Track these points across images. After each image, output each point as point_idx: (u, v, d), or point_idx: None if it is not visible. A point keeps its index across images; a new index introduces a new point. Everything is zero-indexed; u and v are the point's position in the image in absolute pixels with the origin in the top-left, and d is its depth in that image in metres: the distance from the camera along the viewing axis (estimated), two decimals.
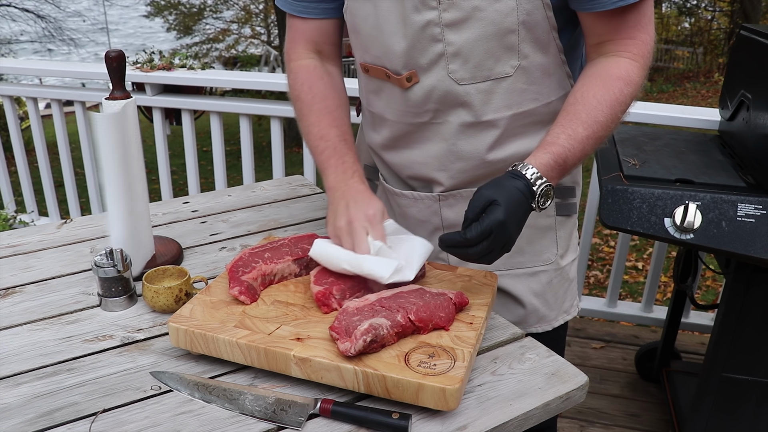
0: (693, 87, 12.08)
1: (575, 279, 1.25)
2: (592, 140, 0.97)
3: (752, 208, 1.38)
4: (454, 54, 1.01)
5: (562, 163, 0.95)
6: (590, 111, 0.97)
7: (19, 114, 3.63)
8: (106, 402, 0.87)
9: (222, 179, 2.78)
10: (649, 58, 1.00)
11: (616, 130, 1.02)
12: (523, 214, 0.93)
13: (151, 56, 2.72)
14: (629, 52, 0.99)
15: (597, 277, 4.39)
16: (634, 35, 0.99)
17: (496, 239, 0.89)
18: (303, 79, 1.19)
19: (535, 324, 1.19)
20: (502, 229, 0.89)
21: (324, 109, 1.16)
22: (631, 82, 0.99)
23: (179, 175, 4.21)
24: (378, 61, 1.09)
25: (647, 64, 1.01)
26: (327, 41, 1.21)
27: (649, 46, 1.00)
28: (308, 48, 1.21)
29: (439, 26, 1.00)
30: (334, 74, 1.23)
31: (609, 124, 0.98)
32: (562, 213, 1.17)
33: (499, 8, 0.97)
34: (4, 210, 3.12)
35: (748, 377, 1.59)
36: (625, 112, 1.00)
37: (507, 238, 0.91)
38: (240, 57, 16.01)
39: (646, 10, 0.98)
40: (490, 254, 0.91)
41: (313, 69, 1.20)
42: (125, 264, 1.08)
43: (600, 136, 0.98)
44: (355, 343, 0.84)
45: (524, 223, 0.94)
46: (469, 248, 0.90)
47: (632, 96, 1.00)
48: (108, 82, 1.24)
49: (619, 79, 0.98)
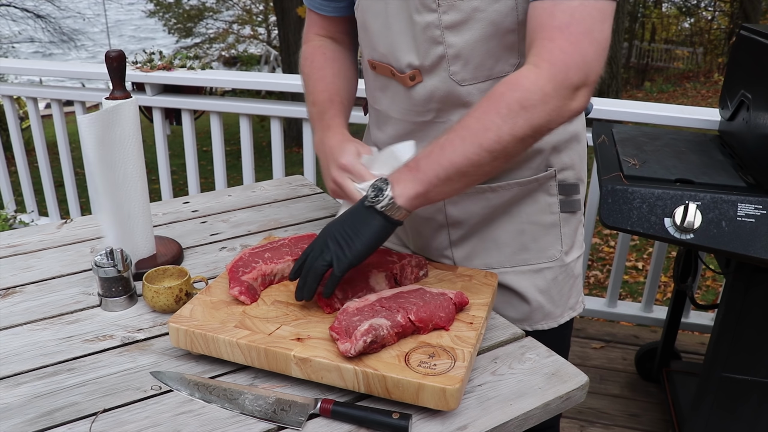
0: (693, 87, 12.09)
1: (581, 275, 1.25)
2: (456, 143, 0.90)
3: (752, 208, 1.38)
4: (455, 56, 1.01)
5: (413, 166, 0.93)
6: (463, 119, 0.91)
7: (19, 114, 3.62)
8: (107, 402, 0.87)
9: (222, 179, 2.79)
10: (563, 71, 0.85)
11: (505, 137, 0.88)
12: (351, 214, 0.95)
13: (151, 56, 2.72)
14: (537, 56, 0.87)
15: (597, 277, 4.39)
16: (554, 37, 0.86)
17: (320, 239, 0.95)
18: (307, 54, 1.25)
19: (540, 321, 1.19)
20: (325, 232, 0.95)
21: (319, 79, 1.20)
22: (517, 86, 0.87)
23: (179, 175, 4.21)
24: (384, 58, 1.10)
25: (558, 77, 0.85)
26: (341, 31, 1.26)
27: (568, 57, 0.85)
28: (321, 33, 1.27)
29: (439, 28, 1.00)
30: (338, 51, 1.26)
31: (480, 130, 0.88)
32: (567, 210, 1.17)
33: (498, 8, 0.97)
34: (4, 210, 3.12)
35: (748, 377, 1.59)
36: (511, 118, 0.87)
37: (331, 233, 0.94)
38: (240, 57, 16.02)
39: (582, 18, 0.85)
40: (324, 254, 0.93)
41: (319, 46, 1.25)
42: (125, 264, 1.08)
43: (469, 141, 0.89)
44: (356, 343, 0.84)
45: (362, 222, 0.93)
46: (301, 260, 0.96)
47: (519, 102, 0.86)
48: (108, 82, 1.24)
49: (504, 83, 0.89)
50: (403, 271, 1.07)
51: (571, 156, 1.16)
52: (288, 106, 2.63)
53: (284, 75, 3.34)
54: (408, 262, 1.08)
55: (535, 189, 1.14)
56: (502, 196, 1.13)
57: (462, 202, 1.15)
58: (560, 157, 1.15)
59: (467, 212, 1.15)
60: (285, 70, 8.33)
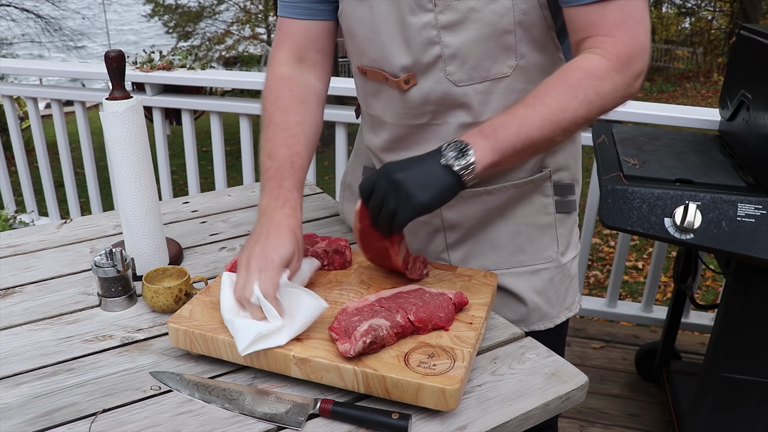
0: (693, 87, 12.09)
1: (576, 276, 1.25)
2: (534, 119, 0.91)
3: (752, 208, 1.37)
4: (452, 56, 1.01)
5: (489, 132, 0.91)
6: (537, 95, 0.92)
7: (19, 114, 3.63)
8: (106, 402, 0.87)
9: (222, 179, 2.79)
10: (627, 62, 0.92)
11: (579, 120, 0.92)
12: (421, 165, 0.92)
13: (151, 56, 2.72)
14: (602, 49, 0.92)
15: (597, 277, 4.39)
16: (614, 34, 0.92)
17: (380, 182, 0.92)
18: (272, 87, 1.13)
19: (537, 322, 1.19)
20: (383, 174, 0.92)
21: (282, 124, 1.09)
22: (592, 74, 0.91)
23: (179, 175, 4.22)
24: (375, 64, 1.09)
25: (625, 68, 0.92)
26: (313, 47, 1.15)
27: (631, 49, 0.92)
28: (290, 55, 1.15)
29: (436, 28, 0.99)
30: (310, 86, 1.15)
31: (558, 110, 0.91)
32: (562, 210, 1.18)
33: (494, 9, 0.97)
34: (4, 210, 3.12)
35: (748, 377, 1.59)
36: (586, 104, 0.91)
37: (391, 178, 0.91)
38: (240, 57, 16.01)
39: (633, 11, 0.92)
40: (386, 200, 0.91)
41: (286, 80, 1.13)
42: (125, 264, 1.08)
43: (546, 118, 0.91)
44: (355, 344, 0.84)
45: (432, 177, 0.91)
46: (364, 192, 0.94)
47: (595, 90, 0.91)
48: (108, 82, 1.24)
49: (579, 69, 0.92)
50: (414, 263, 1.07)
51: (566, 157, 1.16)
52: None
53: None
54: (416, 257, 1.08)
55: (530, 190, 1.14)
56: (498, 198, 1.13)
57: (458, 205, 1.15)
58: (555, 158, 1.15)
59: (463, 215, 1.15)
60: None
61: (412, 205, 0.90)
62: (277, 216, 1.01)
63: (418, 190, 0.90)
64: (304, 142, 1.09)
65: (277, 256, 0.94)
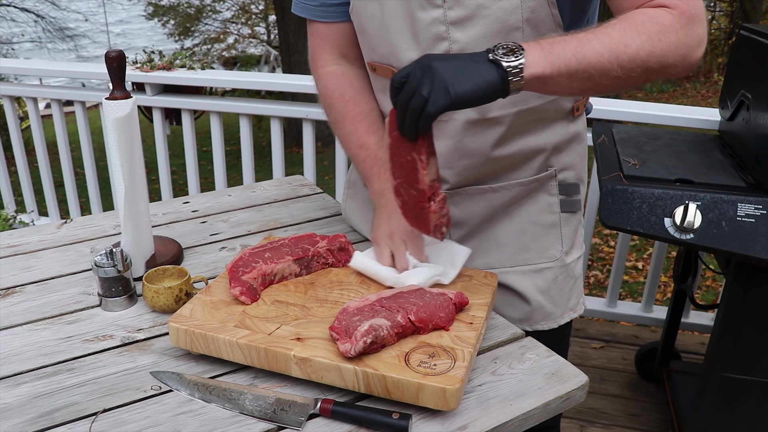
0: (693, 87, 12.08)
1: (581, 276, 1.25)
2: (595, 43, 0.88)
3: (752, 208, 1.37)
4: (460, 52, 1.01)
5: (546, 45, 0.88)
6: (600, 26, 0.90)
7: (19, 114, 3.62)
8: (106, 402, 0.87)
9: (222, 179, 2.79)
10: (690, 20, 0.90)
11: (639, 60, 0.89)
12: (466, 58, 0.87)
13: (151, 56, 2.72)
14: (666, 7, 0.91)
15: (597, 277, 4.39)
16: (672, 3, 0.90)
17: (416, 67, 0.86)
18: (334, 86, 1.19)
19: (540, 321, 1.19)
20: (428, 60, 0.86)
21: (359, 116, 1.16)
22: (658, 22, 0.89)
23: (179, 175, 4.21)
24: (385, 59, 1.10)
25: (688, 24, 0.90)
26: (350, 44, 1.19)
27: (693, 10, 0.90)
28: (334, 54, 1.20)
29: (445, 24, 1.00)
30: (362, 78, 1.21)
31: (620, 43, 0.88)
32: (567, 210, 1.18)
33: (503, 5, 0.97)
34: (4, 210, 3.12)
35: (748, 377, 1.59)
36: (645, 46, 0.88)
37: (429, 66, 0.85)
38: (240, 57, 16.01)
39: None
40: (419, 78, 0.85)
41: (342, 75, 1.19)
42: (125, 264, 1.08)
43: (607, 47, 0.88)
44: (356, 344, 0.84)
45: (474, 68, 0.86)
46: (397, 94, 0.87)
47: (659, 35, 0.88)
48: (108, 82, 1.24)
49: (644, 14, 0.90)
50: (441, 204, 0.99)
51: (572, 156, 1.16)
52: (288, 106, 2.63)
53: (284, 75, 3.34)
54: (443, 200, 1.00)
55: (535, 189, 1.14)
56: (504, 196, 1.13)
57: (463, 202, 1.15)
58: (561, 158, 1.15)
59: (469, 212, 1.15)
60: (285, 70, 8.32)
61: (448, 94, 0.83)
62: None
63: (457, 79, 0.84)
64: (382, 125, 1.16)
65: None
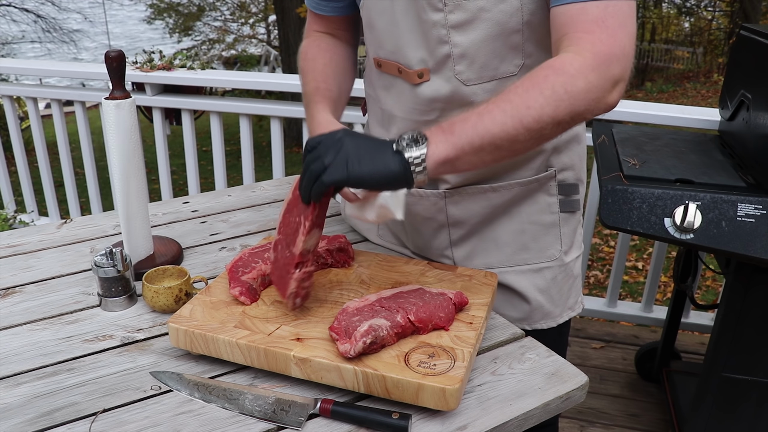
0: (693, 87, 12.09)
1: (579, 275, 1.25)
2: (496, 114, 0.87)
3: (752, 208, 1.37)
4: (461, 55, 1.02)
5: (447, 127, 0.88)
6: (503, 94, 0.89)
7: (19, 114, 3.62)
8: (106, 402, 0.87)
9: (222, 179, 2.79)
10: (606, 62, 0.86)
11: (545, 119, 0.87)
12: (371, 141, 0.89)
13: (151, 56, 2.72)
14: (577, 45, 0.88)
15: (597, 277, 4.39)
16: (592, 30, 0.87)
17: (322, 145, 0.87)
18: (304, 49, 1.26)
19: (540, 320, 1.20)
20: (340, 136, 0.87)
21: (310, 71, 1.21)
22: (561, 71, 0.86)
23: (179, 175, 4.22)
24: (392, 56, 1.10)
25: (601, 67, 0.86)
26: (340, 28, 1.27)
27: (609, 48, 0.86)
28: (320, 30, 1.28)
29: (445, 28, 1.00)
30: (338, 45, 1.26)
31: (522, 106, 0.86)
32: (566, 209, 1.18)
33: (504, 8, 0.97)
34: (4, 210, 3.12)
35: (748, 377, 1.59)
36: (553, 102, 0.86)
37: (336, 143, 0.86)
38: (240, 57, 16.01)
39: (616, 12, 0.87)
40: (320, 161, 0.86)
41: (315, 39, 1.26)
42: (125, 264, 1.08)
43: (509, 114, 0.86)
44: (355, 344, 0.84)
45: (379, 154, 0.86)
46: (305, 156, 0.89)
47: (564, 87, 0.86)
48: (108, 82, 1.24)
49: (549, 68, 0.88)
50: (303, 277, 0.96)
51: (571, 156, 1.16)
52: (288, 106, 2.63)
53: (284, 75, 3.34)
54: (308, 277, 0.97)
55: (535, 189, 1.14)
56: (503, 195, 1.13)
57: (463, 201, 1.15)
58: (560, 158, 1.15)
59: (468, 212, 1.15)
60: (285, 70, 8.33)
61: (345, 170, 0.84)
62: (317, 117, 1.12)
63: (359, 159, 0.85)
64: (331, 74, 1.21)
65: None
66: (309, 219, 0.91)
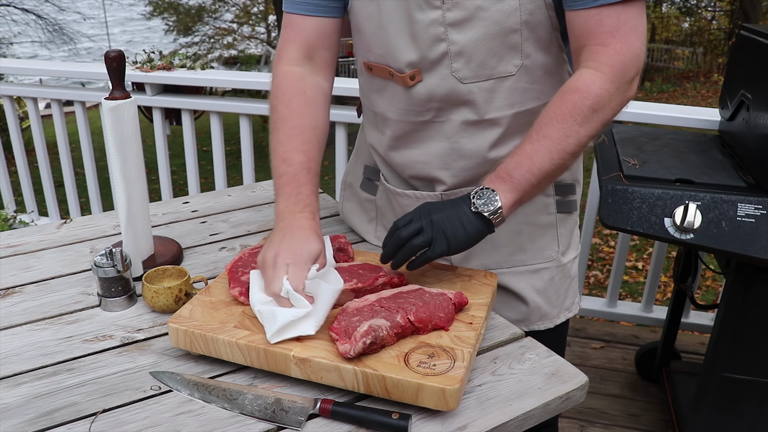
0: (693, 87, 12.09)
1: (576, 276, 1.26)
2: (543, 154, 0.96)
3: (752, 208, 1.38)
4: (458, 53, 1.02)
5: (505, 176, 0.97)
6: (540, 127, 0.97)
7: (19, 114, 3.62)
8: (106, 402, 0.87)
9: (222, 179, 2.79)
10: (621, 70, 0.95)
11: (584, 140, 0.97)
12: (457, 210, 0.98)
13: (151, 56, 2.72)
14: (596, 61, 0.95)
15: (597, 277, 4.39)
16: (608, 42, 0.94)
17: (422, 222, 0.97)
18: (285, 88, 1.12)
19: (537, 321, 1.20)
20: (425, 213, 0.98)
21: (296, 129, 1.09)
22: (588, 93, 0.94)
23: (179, 175, 4.21)
24: (381, 59, 1.10)
25: (617, 77, 0.95)
26: (323, 45, 1.15)
27: (623, 57, 0.94)
28: (300, 52, 1.14)
29: (443, 25, 1.00)
30: (320, 88, 1.15)
31: (562, 138, 0.95)
32: (563, 210, 1.18)
33: (502, 8, 0.98)
34: (4, 210, 3.12)
35: (748, 377, 1.59)
36: (589, 125, 0.96)
37: (433, 221, 0.97)
38: (240, 57, 16.01)
39: (628, 18, 0.94)
40: (421, 236, 0.97)
41: (299, 80, 1.13)
42: (125, 264, 1.08)
43: (553, 149, 0.95)
44: (355, 345, 0.84)
45: (468, 222, 0.97)
46: (400, 231, 0.98)
47: (594, 108, 0.95)
48: (108, 82, 1.24)
49: (575, 92, 0.95)
50: None
51: None
52: None
53: None
54: None
55: None
56: None
57: None
58: None
59: None
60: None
61: (447, 244, 0.97)
62: (298, 219, 1.03)
63: (453, 232, 0.97)
64: (318, 147, 1.11)
65: (305, 252, 0.98)
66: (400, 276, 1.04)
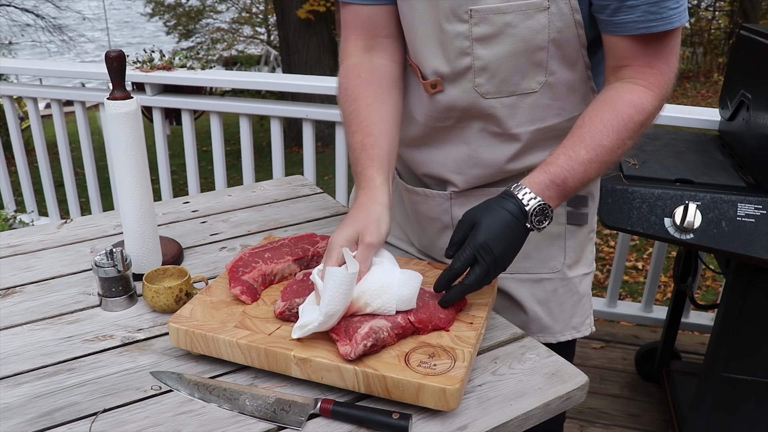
0: (693, 87, 12.08)
1: (588, 295, 1.22)
2: (595, 164, 0.96)
3: (752, 208, 1.38)
4: (482, 68, 1.01)
5: (560, 183, 0.95)
6: (595, 135, 0.96)
7: (19, 114, 3.62)
8: (107, 402, 0.87)
9: (222, 179, 2.79)
10: (665, 90, 0.99)
11: (626, 153, 1.01)
12: (512, 233, 0.93)
13: (151, 56, 2.72)
14: (645, 80, 0.98)
15: (597, 277, 4.39)
16: (654, 64, 0.97)
17: (483, 260, 0.91)
18: (342, 80, 1.13)
19: (537, 333, 1.18)
20: (486, 250, 0.91)
21: (352, 113, 1.09)
22: (643, 110, 0.97)
23: (179, 175, 4.21)
24: (414, 58, 1.10)
25: (663, 95, 0.99)
26: (381, 33, 1.12)
27: (668, 78, 0.99)
28: (359, 45, 1.13)
29: (469, 39, 0.99)
30: (379, 66, 1.12)
31: (615, 149, 0.97)
32: (573, 222, 1.16)
33: (530, 25, 0.96)
34: (4, 210, 3.12)
35: (748, 377, 1.59)
36: (634, 138, 0.99)
37: (495, 258, 0.91)
38: (240, 57, 16.01)
39: (669, 41, 0.96)
40: (486, 277, 0.92)
41: (352, 68, 1.12)
42: (125, 264, 1.08)
43: (604, 160, 0.97)
44: (356, 347, 0.84)
45: (519, 242, 0.95)
46: (462, 279, 0.93)
47: (642, 124, 0.98)
48: (108, 82, 1.24)
49: (631, 105, 0.97)
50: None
51: None
52: (288, 106, 2.63)
53: (284, 75, 3.35)
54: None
55: None
56: None
57: (468, 203, 1.14)
58: None
59: None
60: (285, 70, 8.32)
61: (504, 268, 0.95)
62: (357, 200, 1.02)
63: (508, 255, 0.94)
64: (376, 120, 1.07)
65: (335, 240, 0.95)
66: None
